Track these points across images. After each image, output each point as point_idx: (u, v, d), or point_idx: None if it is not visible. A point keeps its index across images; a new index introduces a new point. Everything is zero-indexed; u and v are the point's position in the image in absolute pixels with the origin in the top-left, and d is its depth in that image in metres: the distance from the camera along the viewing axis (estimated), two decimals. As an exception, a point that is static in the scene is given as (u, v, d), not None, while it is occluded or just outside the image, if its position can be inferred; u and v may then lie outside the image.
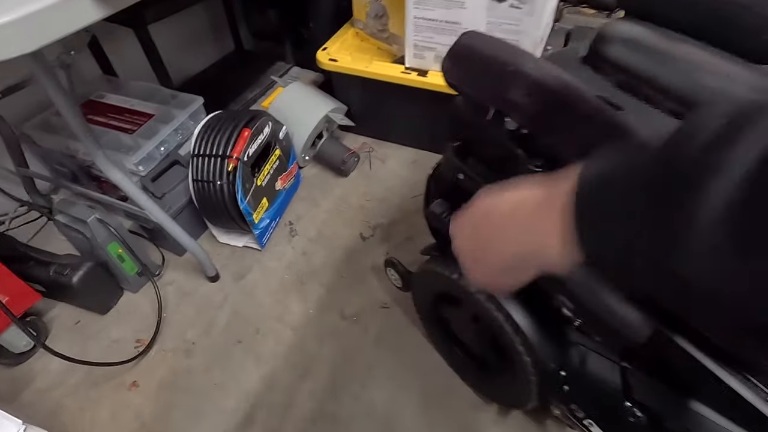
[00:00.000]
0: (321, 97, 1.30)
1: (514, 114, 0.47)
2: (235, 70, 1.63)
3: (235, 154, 0.96)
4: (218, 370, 0.92)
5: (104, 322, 1.00)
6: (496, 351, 0.75)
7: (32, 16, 0.48)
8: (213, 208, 1.01)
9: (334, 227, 1.19)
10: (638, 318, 0.49)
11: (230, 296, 1.04)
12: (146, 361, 0.93)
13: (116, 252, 0.94)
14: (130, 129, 1.02)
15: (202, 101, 1.11)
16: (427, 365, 0.91)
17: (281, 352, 0.94)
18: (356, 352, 0.94)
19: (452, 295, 0.77)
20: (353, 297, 1.03)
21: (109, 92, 1.14)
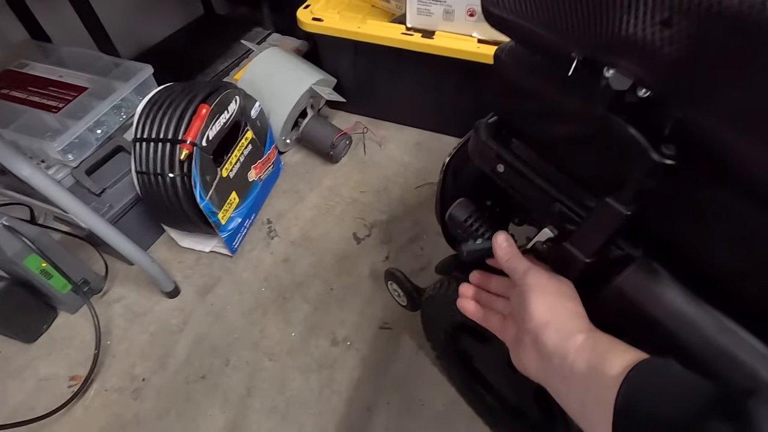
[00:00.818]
0: (304, 67, 1.07)
1: (631, 62, 0.25)
2: (203, 39, 1.38)
3: (189, 138, 0.73)
4: (175, 416, 0.72)
5: (31, 353, 0.79)
6: (542, 405, 0.56)
7: None
8: (165, 208, 0.79)
9: (323, 227, 0.98)
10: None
11: (193, 317, 0.83)
12: (82, 405, 0.73)
13: (38, 267, 0.73)
14: (55, 107, 0.79)
15: (152, 70, 0.88)
16: (442, 405, 0.72)
17: (257, 391, 0.74)
18: (351, 389, 0.74)
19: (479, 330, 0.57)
20: (346, 315, 0.83)
21: (34, 61, 0.90)
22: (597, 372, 0.25)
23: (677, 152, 0.26)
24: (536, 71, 0.35)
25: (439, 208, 0.59)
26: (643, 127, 0.27)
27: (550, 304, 0.31)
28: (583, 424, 0.27)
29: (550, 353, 0.28)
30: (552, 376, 0.29)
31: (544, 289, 0.32)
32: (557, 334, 0.29)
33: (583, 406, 0.26)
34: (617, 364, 0.25)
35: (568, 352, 0.27)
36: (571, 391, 0.27)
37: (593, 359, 0.26)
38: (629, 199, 0.30)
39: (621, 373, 0.24)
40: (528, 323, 0.31)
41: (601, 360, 0.26)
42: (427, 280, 0.64)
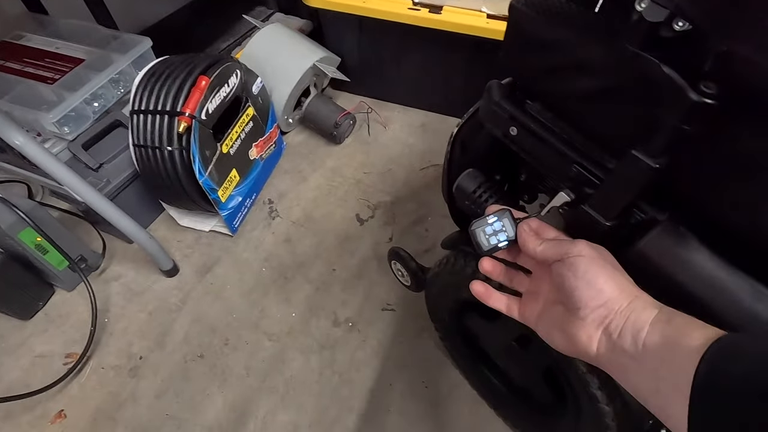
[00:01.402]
0: (308, 44, 1.04)
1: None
2: (205, 17, 1.35)
3: (187, 110, 0.71)
4: (172, 395, 0.70)
5: (27, 330, 0.77)
6: (552, 387, 0.53)
7: None
8: (163, 184, 0.77)
9: (325, 207, 0.95)
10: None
11: (192, 296, 0.82)
12: (78, 383, 0.71)
13: (33, 241, 0.71)
14: (51, 78, 0.77)
15: (150, 43, 0.86)
16: (445, 388, 0.70)
17: (256, 370, 0.72)
18: (353, 371, 0.72)
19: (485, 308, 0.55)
20: (348, 296, 0.81)
21: (31, 32, 0.88)
22: (675, 345, 0.23)
23: (718, 92, 0.24)
24: (558, 17, 0.33)
25: (446, 181, 0.56)
26: (680, 65, 0.24)
27: (614, 277, 0.28)
28: (653, 402, 0.25)
29: (623, 330, 0.26)
30: (618, 354, 0.26)
31: (604, 262, 0.29)
32: (630, 308, 0.26)
33: (657, 380, 0.24)
34: (697, 336, 0.23)
35: (643, 327, 0.25)
36: (642, 367, 0.25)
37: (671, 332, 0.24)
38: (660, 150, 0.27)
39: (702, 345, 0.22)
40: (593, 300, 0.28)
41: (680, 333, 0.24)
42: (432, 261, 0.62)
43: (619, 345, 0.26)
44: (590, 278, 0.28)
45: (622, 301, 0.27)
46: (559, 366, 0.47)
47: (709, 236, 0.31)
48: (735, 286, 0.29)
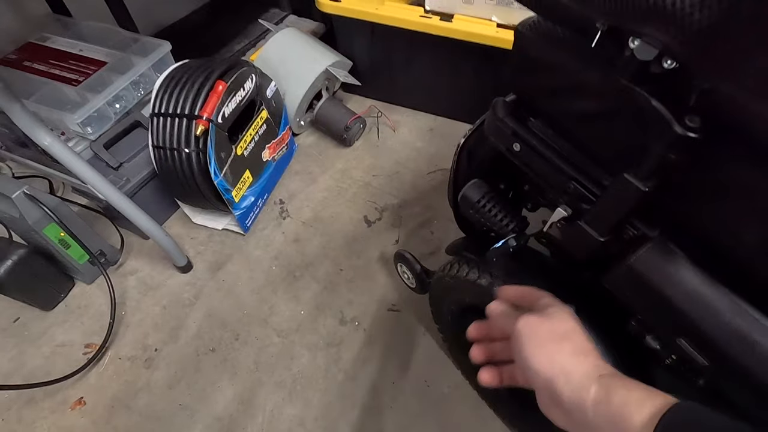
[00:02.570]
0: (320, 48, 1.06)
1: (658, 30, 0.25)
2: (221, 18, 1.38)
3: (205, 114, 0.74)
4: (185, 386, 0.74)
5: (49, 320, 0.81)
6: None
7: None
8: (180, 183, 0.80)
9: (334, 208, 0.98)
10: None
11: (204, 292, 0.85)
12: (96, 372, 0.75)
13: (56, 236, 0.75)
14: (75, 80, 0.80)
15: (170, 47, 0.89)
16: (447, 387, 0.73)
17: (264, 365, 0.76)
18: (358, 368, 0.75)
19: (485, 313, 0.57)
20: (355, 296, 0.84)
21: (55, 34, 0.91)
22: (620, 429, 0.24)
23: (701, 125, 0.26)
24: (559, 44, 0.35)
25: (452, 189, 0.59)
26: (667, 99, 0.27)
27: (550, 355, 0.28)
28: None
29: (568, 409, 0.26)
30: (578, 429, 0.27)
31: (538, 338, 0.29)
32: (568, 387, 0.27)
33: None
34: (638, 418, 0.23)
35: (586, 408, 0.26)
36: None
37: (613, 415, 0.25)
38: (648, 175, 0.29)
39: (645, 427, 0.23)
40: (535, 380, 0.28)
41: (621, 415, 0.24)
42: (437, 264, 0.64)
43: (572, 421, 0.27)
44: (526, 356, 0.29)
45: (561, 378, 0.27)
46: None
47: (696, 253, 0.33)
48: (717, 301, 0.32)
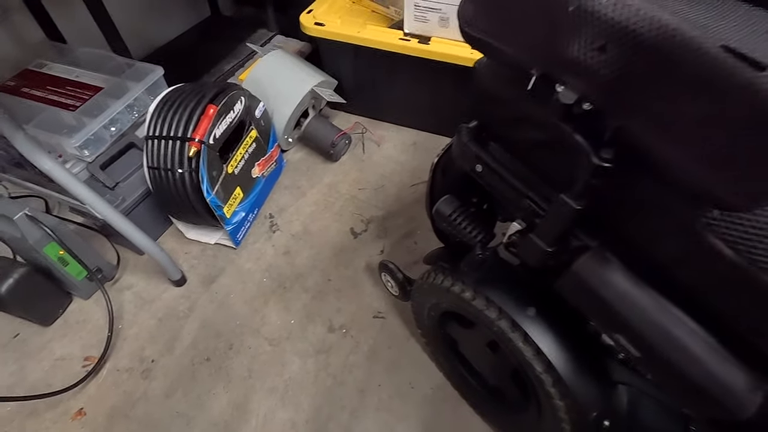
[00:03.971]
0: (306, 69, 1.12)
1: (576, 80, 0.31)
2: (210, 39, 1.43)
3: (197, 136, 0.79)
4: (181, 395, 0.77)
5: (48, 335, 0.84)
6: (518, 386, 0.61)
7: None
8: (174, 201, 0.84)
9: (322, 221, 1.03)
10: (740, 379, 0.34)
11: (198, 304, 0.89)
12: (95, 383, 0.78)
13: (56, 254, 0.78)
14: (72, 105, 0.85)
15: (162, 72, 0.93)
16: (430, 389, 0.77)
17: (257, 373, 0.80)
18: (346, 373, 0.80)
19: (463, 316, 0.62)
20: (343, 305, 0.88)
21: (51, 61, 0.95)
22: None
23: (614, 156, 0.32)
24: (506, 82, 0.40)
25: (429, 203, 0.64)
26: (587, 134, 0.32)
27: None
28: None
29: None
30: None
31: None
32: None
33: None
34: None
35: None
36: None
37: None
38: (579, 195, 0.35)
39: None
40: None
41: None
42: (420, 273, 0.69)
43: None
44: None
45: None
46: (523, 367, 0.54)
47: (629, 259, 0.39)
48: (645, 302, 0.37)
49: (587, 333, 0.52)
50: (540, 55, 0.32)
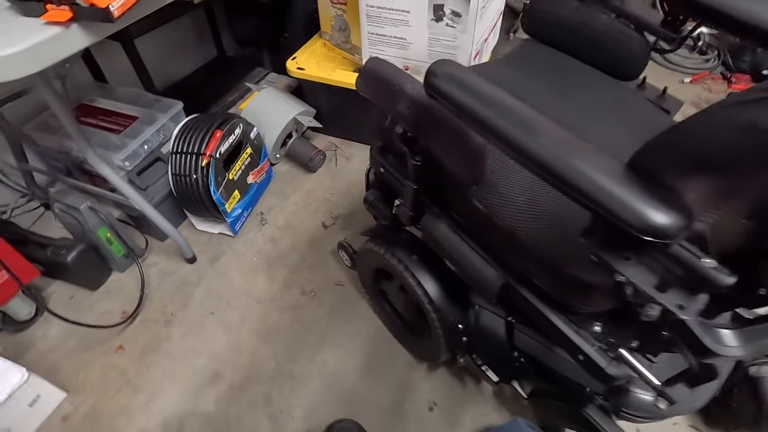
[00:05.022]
0: (290, 101, 1.45)
1: (402, 121, 0.62)
2: (216, 76, 1.77)
3: (208, 152, 1.11)
4: (193, 336, 1.07)
5: (95, 297, 1.15)
6: (418, 314, 0.91)
7: (37, 46, 0.63)
8: (190, 199, 1.16)
9: (301, 217, 1.34)
10: (491, 272, 0.65)
11: (205, 276, 1.19)
12: (131, 329, 1.08)
13: (105, 236, 1.09)
14: (118, 129, 1.17)
15: (182, 105, 1.26)
16: (372, 332, 1.07)
17: (248, 322, 1.10)
18: (312, 322, 1.09)
19: (386, 270, 0.93)
20: (313, 276, 1.19)
21: (99, 97, 1.28)
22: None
23: (422, 159, 0.63)
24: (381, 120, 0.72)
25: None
26: (410, 147, 0.64)
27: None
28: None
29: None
30: None
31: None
32: None
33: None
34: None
35: None
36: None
37: None
38: (413, 180, 0.66)
39: None
40: None
41: None
42: (360, 245, 1.00)
43: None
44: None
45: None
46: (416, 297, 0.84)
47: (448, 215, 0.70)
48: (454, 238, 0.68)
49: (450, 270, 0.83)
50: (388, 108, 0.64)
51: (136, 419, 0.94)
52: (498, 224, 0.60)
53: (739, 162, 0.33)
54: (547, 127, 0.43)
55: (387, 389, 0.98)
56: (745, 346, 0.40)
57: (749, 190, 0.36)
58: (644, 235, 0.36)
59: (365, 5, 1.18)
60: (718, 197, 0.37)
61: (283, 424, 0.93)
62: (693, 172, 0.37)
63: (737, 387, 0.84)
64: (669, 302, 0.38)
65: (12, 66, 0.61)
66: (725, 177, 0.35)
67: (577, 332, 0.59)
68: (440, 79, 0.49)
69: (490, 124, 0.45)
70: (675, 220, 0.36)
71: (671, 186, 0.38)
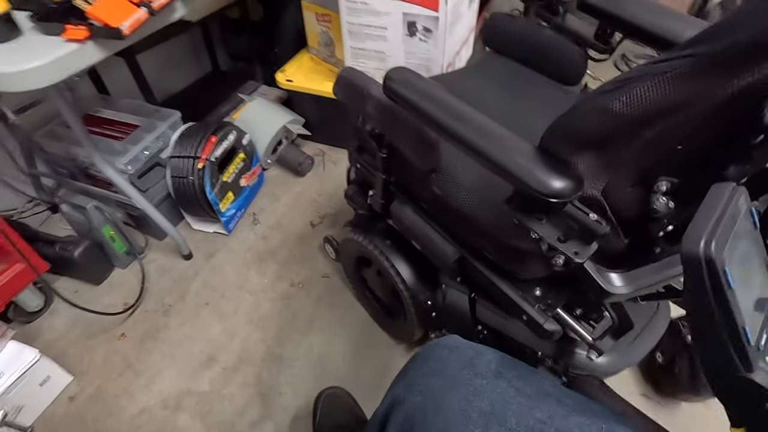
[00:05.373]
0: (280, 111, 1.56)
1: (370, 120, 0.73)
2: (211, 88, 1.89)
3: (204, 156, 1.21)
4: (189, 325, 1.16)
5: (98, 291, 1.23)
6: (394, 296, 1.01)
7: (58, 60, 0.73)
8: (187, 199, 1.26)
9: (290, 217, 1.44)
10: (449, 248, 0.76)
11: (201, 271, 1.29)
12: (132, 318, 1.17)
13: (109, 233, 1.19)
14: (121, 137, 1.27)
15: (180, 115, 1.37)
16: (356, 319, 1.16)
17: (240, 311, 1.19)
18: (300, 310, 1.19)
19: (365, 257, 1.03)
20: (301, 270, 1.28)
21: (103, 108, 1.39)
22: None
23: (389, 152, 0.74)
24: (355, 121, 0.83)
25: (346, 192, 1.06)
26: (377, 143, 0.75)
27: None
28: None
29: None
30: None
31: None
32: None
33: None
34: None
35: None
36: None
37: None
38: (382, 171, 0.77)
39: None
40: None
41: None
42: (342, 237, 1.10)
43: None
44: None
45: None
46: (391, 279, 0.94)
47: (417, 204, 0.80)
48: (419, 222, 0.78)
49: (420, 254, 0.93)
50: (359, 110, 0.75)
51: (138, 399, 1.02)
52: (453, 206, 0.71)
53: (605, 140, 0.45)
54: (476, 118, 0.54)
55: (369, 368, 1.07)
56: (628, 285, 0.51)
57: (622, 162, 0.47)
58: (546, 197, 0.47)
59: (347, 22, 1.30)
60: (602, 168, 0.48)
61: (272, 400, 1.01)
62: (580, 148, 0.48)
63: (678, 354, 0.94)
64: (568, 250, 0.49)
65: (38, 76, 0.72)
66: (601, 152, 0.47)
67: (521, 296, 0.70)
68: (395, 82, 0.60)
69: (433, 117, 0.56)
70: (568, 185, 0.47)
71: (566, 160, 0.49)
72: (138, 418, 0.99)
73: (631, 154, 0.46)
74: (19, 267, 1.00)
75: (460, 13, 1.29)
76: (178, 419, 0.99)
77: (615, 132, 0.43)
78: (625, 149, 0.45)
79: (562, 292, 0.69)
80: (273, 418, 0.98)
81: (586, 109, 0.45)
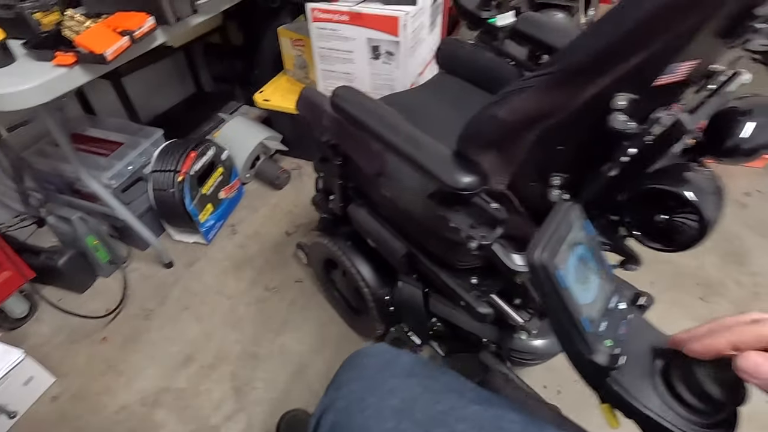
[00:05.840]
0: (258, 128, 1.67)
1: (326, 132, 0.84)
2: (194, 108, 1.99)
3: (183, 170, 1.30)
4: (169, 328, 1.23)
5: (82, 299, 1.30)
6: (357, 295, 1.09)
7: (48, 82, 0.83)
8: (168, 210, 1.34)
9: (267, 227, 1.53)
10: (397, 243, 0.85)
11: (181, 278, 1.36)
12: (114, 323, 1.23)
13: (92, 243, 1.26)
14: (106, 153, 1.36)
15: (162, 132, 1.46)
16: (326, 319, 1.24)
17: (218, 314, 1.26)
18: (274, 312, 1.26)
19: (332, 260, 1.12)
20: (276, 275, 1.36)
21: (89, 126, 1.48)
22: None
23: (343, 160, 0.84)
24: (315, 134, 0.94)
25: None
26: (333, 153, 0.85)
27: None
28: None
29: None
30: None
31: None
32: None
33: None
34: None
35: None
36: None
37: None
38: (339, 177, 0.87)
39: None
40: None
41: None
42: (312, 242, 1.19)
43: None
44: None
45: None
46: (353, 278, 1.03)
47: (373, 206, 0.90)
48: (372, 223, 0.88)
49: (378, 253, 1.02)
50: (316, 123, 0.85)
51: (118, 396, 1.08)
52: (400, 206, 0.81)
53: (498, 141, 0.55)
54: (405, 128, 0.65)
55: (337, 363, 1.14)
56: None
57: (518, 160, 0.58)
58: (456, 190, 0.57)
59: (317, 47, 1.42)
60: (502, 165, 0.59)
61: (246, 393, 1.08)
62: (482, 149, 0.58)
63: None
64: (477, 234, 0.59)
65: (29, 97, 0.82)
66: (498, 151, 0.57)
67: (458, 284, 0.79)
68: (340, 99, 0.71)
69: (370, 127, 0.66)
70: (474, 180, 0.57)
71: (473, 159, 0.59)
72: (118, 415, 1.05)
73: (523, 153, 0.56)
74: (7, 274, 1.06)
75: (421, 38, 1.43)
76: (155, 414, 1.05)
77: (503, 135, 0.54)
78: (515, 149, 0.56)
79: (497, 281, 0.79)
80: (246, 411, 1.05)
81: (483, 117, 0.56)
